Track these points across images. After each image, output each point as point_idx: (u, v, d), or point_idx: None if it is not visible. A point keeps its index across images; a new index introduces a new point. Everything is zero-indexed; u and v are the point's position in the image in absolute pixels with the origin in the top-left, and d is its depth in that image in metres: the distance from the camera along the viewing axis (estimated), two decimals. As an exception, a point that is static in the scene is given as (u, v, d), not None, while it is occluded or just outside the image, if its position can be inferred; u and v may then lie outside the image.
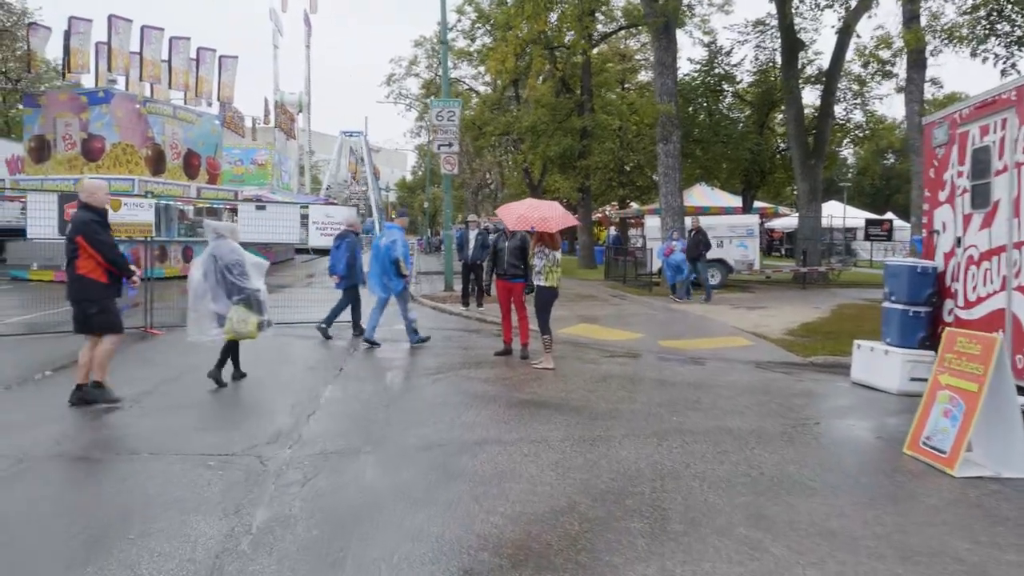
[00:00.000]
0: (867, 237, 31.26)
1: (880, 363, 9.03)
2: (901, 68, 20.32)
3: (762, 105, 29.69)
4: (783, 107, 30.22)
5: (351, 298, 12.26)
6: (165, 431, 6.46)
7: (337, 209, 14.09)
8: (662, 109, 20.36)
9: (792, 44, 24.80)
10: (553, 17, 27.92)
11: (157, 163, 23.68)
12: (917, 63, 18.23)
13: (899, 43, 18.63)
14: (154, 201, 12.01)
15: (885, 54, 19.38)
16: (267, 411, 7.31)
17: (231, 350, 8.61)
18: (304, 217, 13.30)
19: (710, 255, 21.93)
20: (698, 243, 18.57)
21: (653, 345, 11.95)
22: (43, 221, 11.29)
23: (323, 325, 12.15)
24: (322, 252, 37.04)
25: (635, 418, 7.21)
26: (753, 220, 23.50)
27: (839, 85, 26.20)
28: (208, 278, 7.92)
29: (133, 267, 7.36)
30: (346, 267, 11.99)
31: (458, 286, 17.48)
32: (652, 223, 24.39)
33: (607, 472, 5.52)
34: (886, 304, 9.32)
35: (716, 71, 29.21)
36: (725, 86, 30.15)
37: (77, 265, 6.87)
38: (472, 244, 15.78)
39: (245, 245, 8.74)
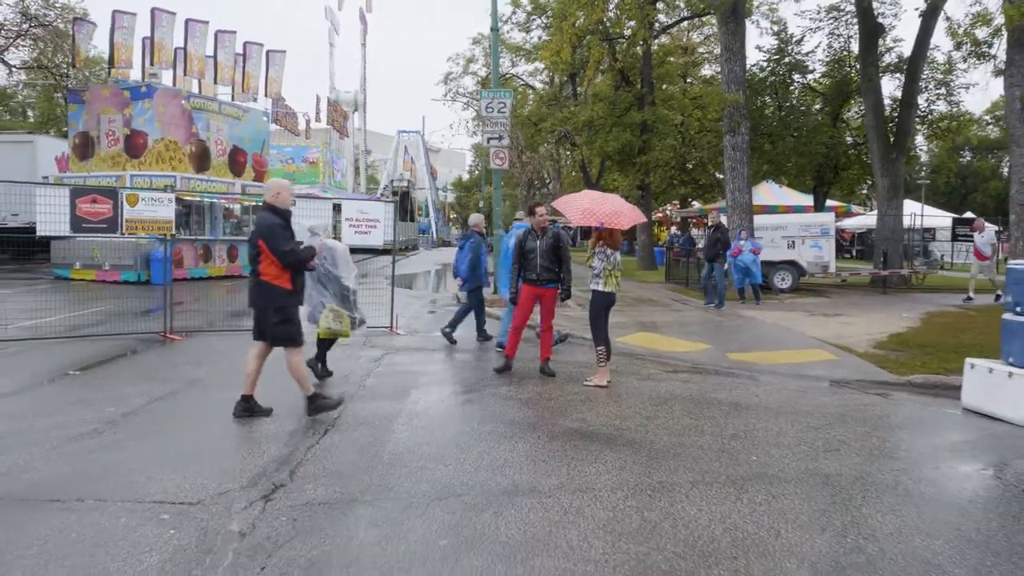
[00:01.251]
0: (954, 238, 28.91)
1: (1003, 388, 7.45)
2: (1000, 49, 18.32)
3: (836, 97, 27.71)
4: (858, 98, 28.25)
5: (476, 300, 11.98)
6: (129, 466, 5.34)
7: (372, 205, 12.98)
8: (729, 98, 18.79)
9: (871, 29, 22.90)
10: (612, 6, 26.55)
11: (201, 160, 23.03)
12: (1019, 42, 16.28)
13: (999, 19, 16.68)
14: (173, 195, 10.84)
15: (981, 33, 17.46)
16: (262, 439, 6.17)
17: (325, 348, 8.80)
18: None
19: (780, 256, 20.31)
20: (716, 242, 16.74)
21: (721, 358, 10.51)
22: (54, 218, 10.40)
23: (447, 329, 11.62)
24: (368, 252, 36.24)
25: (704, 456, 5.85)
26: (828, 219, 21.69)
27: (922, 74, 24.12)
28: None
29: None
30: (469, 268, 11.64)
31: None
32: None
33: (671, 541, 4.18)
34: (1009, 316, 7.72)
35: (786, 60, 27.34)
36: (795, 77, 28.24)
37: (260, 270, 6.52)
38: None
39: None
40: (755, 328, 13.45)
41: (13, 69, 26.34)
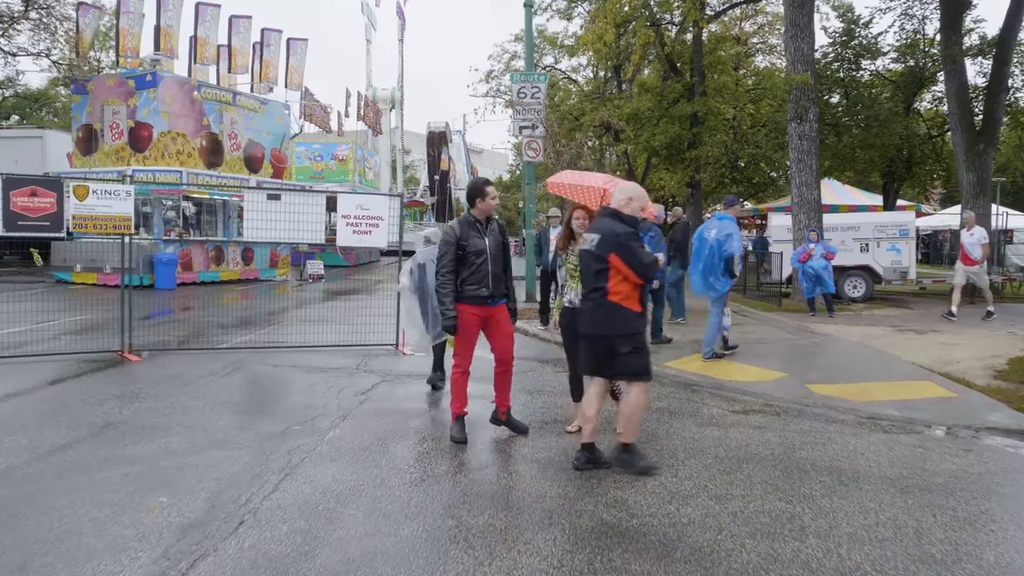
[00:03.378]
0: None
1: None
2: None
3: (908, 84, 25.01)
4: (936, 84, 25.51)
5: (659, 298, 11.38)
6: None
7: (372, 199, 10.95)
8: (797, 80, 16.39)
9: (954, 3, 20.23)
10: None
11: (213, 154, 21.34)
12: None
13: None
14: (132, 187, 8.96)
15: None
16: (148, 533, 4.13)
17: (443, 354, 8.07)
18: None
19: (852, 261, 17.80)
20: (670, 243, 13.86)
21: (801, 391, 8.24)
22: (-18, 213, 8.58)
23: (656, 339, 11.05)
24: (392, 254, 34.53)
25: (818, 587, 3.66)
26: (908, 218, 19.09)
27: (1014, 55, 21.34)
28: (418, 286, 7.34)
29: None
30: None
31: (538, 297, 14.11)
32: (779, 222, 20.41)
33: None
34: None
35: (854, 43, 24.72)
36: (864, 63, 25.59)
37: (609, 290, 5.43)
38: (554, 245, 12.38)
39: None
40: (836, 349, 11.09)
41: (9, 57, 25.01)
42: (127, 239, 9.71)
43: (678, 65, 28.76)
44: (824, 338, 11.97)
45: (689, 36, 28.39)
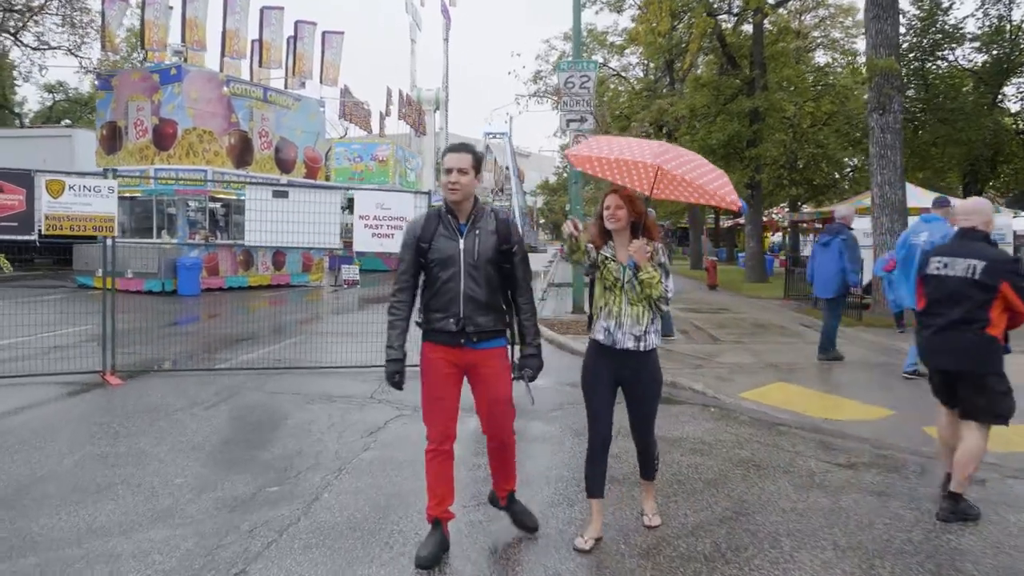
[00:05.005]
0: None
1: None
2: None
3: (994, 75, 22.81)
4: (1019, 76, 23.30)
5: (836, 310, 10.11)
6: None
7: (394, 197, 9.52)
8: (881, 65, 14.51)
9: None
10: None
11: (242, 153, 20.20)
12: None
13: None
14: (115, 183, 7.65)
15: None
16: None
17: None
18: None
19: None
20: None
21: (918, 435, 6.53)
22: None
23: (825, 354, 9.89)
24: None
25: None
26: (1003, 221, 17.05)
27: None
28: None
29: None
30: (841, 273, 9.69)
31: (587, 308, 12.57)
32: (855, 225, 18.40)
33: None
34: None
35: (932, 31, 22.62)
36: (942, 52, 23.45)
37: (992, 321, 4.71)
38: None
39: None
40: (943, 376, 9.29)
41: (28, 49, 24.24)
42: (109, 242, 8.40)
43: (736, 58, 26.95)
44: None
45: (748, 28, 26.61)
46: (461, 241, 3.86)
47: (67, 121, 44.92)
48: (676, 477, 5.38)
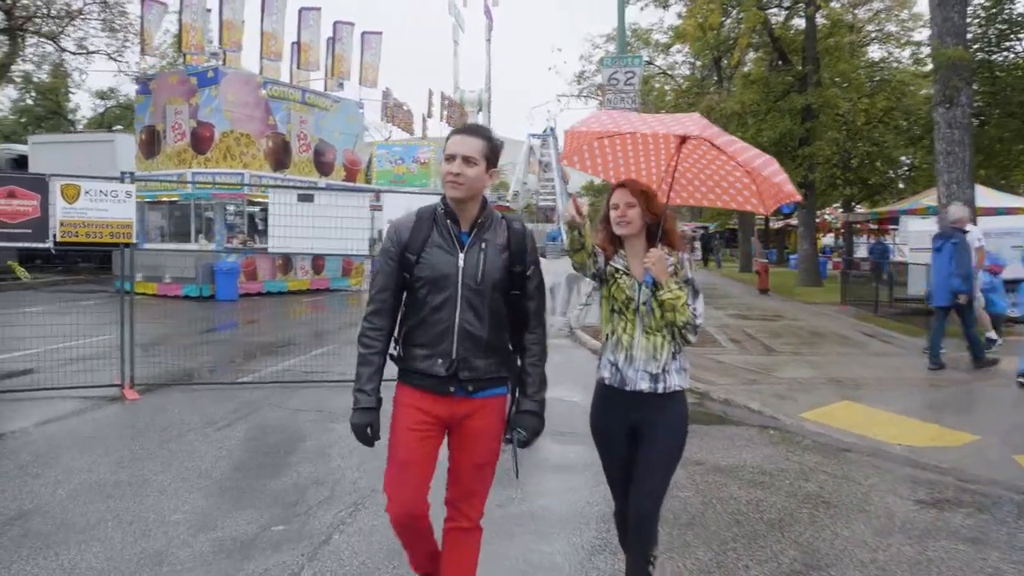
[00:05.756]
0: None
1: None
2: None
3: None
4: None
5: (967, 316, 9.63)
6: None
7: (425, 200, 8.97)
8: (949, 55, 13.55)
9: None
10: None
11: (280, 156, 19.94)
12: None
13: None
14: (133, 187, 7.27)
15: None
16: None
17: None
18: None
19: (1012, 274, 14.75)
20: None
21: (1010, 467, 5.79)
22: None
23: (934, 363, 9.41)
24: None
25: None
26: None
27: None
28: None
29: None
30: (963, 279, 9.21)
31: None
32: (916, 226, 17.48)
33: None
34: None
35: (1001, 19, 21.38)
36: (1011, 43, 22.16)
37: None
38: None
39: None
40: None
41: (68, 54, 24.36)
42: (127, 251, 8.03)
43: (787, 53, 25.96)
44: (1009, 379, 9.25)
45: (799, 22, 25.63)
46: (461, 256, 2.87)
47: (119, 127, 45.68)
48: (735, 517, 4.73)
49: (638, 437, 3.19)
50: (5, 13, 21.89)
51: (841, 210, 39.03)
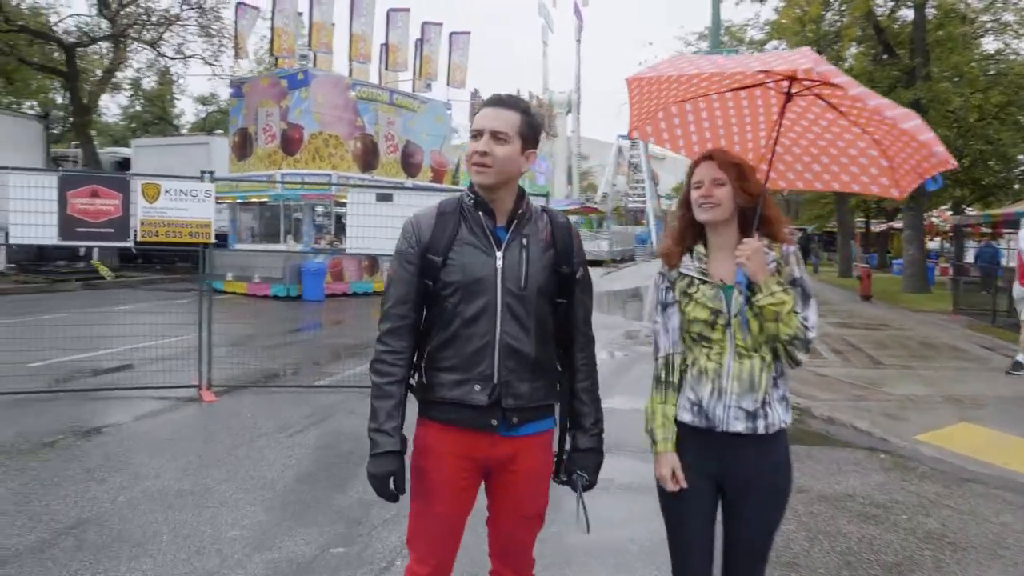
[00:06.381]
0: None
1: None
2: None
3: None
4: None
5: None
6: None
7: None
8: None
9: None
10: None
11: (368, 157, 20.01)
12: None
13: None
14: (212, 187, 7.19)
15: None
16: None
17: None
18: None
19: None
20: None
21: None
22: (37, 218, 7.04)
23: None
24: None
25: None
26: None
27: None
28: None
29: None
30: None
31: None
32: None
33: None
34: None
35: None
36: None
37: None
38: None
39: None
40: None
41: (166, 59, 25.14)
42: (206, 250, 7.96)
43: (893, 46, 24.56)
44: None
45: (906, 12, 24.23)
46: (499, 255, 2.34)
47: (219, 131, 47.43)
48: (845, 558, 4.17)
49: (727, 493, 2.52)
50: (109, 21, 22.81)
51: (950, 212, 36.87)
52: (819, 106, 2.70)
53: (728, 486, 2.50)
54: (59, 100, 35.04)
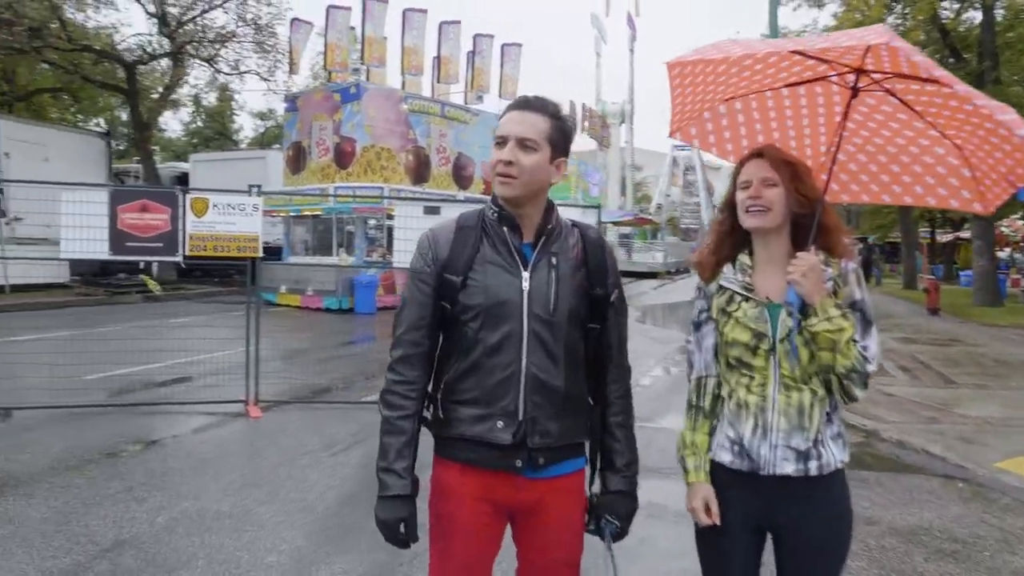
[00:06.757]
0: None
1: None
2: None
3: None
4: None
5: None
6: None
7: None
8: None
9: None
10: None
11: (420, 169, 20.02)
12: None
13: None
14: (259, 200, 7.15)
15: None
16: None
17: None
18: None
19: None
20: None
21: None
22: (87, 232, 7.08)
23: None
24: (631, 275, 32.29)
25: None
26: None
27: None
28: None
29: None
30: None
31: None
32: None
33: None
34: None
35: None
36: None
37: None
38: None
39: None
40: None
41: (223, 75, 25.58)
42: (254, 264, 7.92)
43: (960, 48, 23.70)
44: None
45: (974, 15, 23.37)
46: (526, 275, 2.09)
47: (277, 146, 48.37)
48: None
49: (778, 545, 2.21)
50: (169, 38, 23.36)
51: (1022, 221, 35.47)
52: (890, 104, 2.39)
53: (778, 537, 2.19)
54: (124, 117, 36.08)
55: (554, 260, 2.11)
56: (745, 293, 2.17)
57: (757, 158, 2.19)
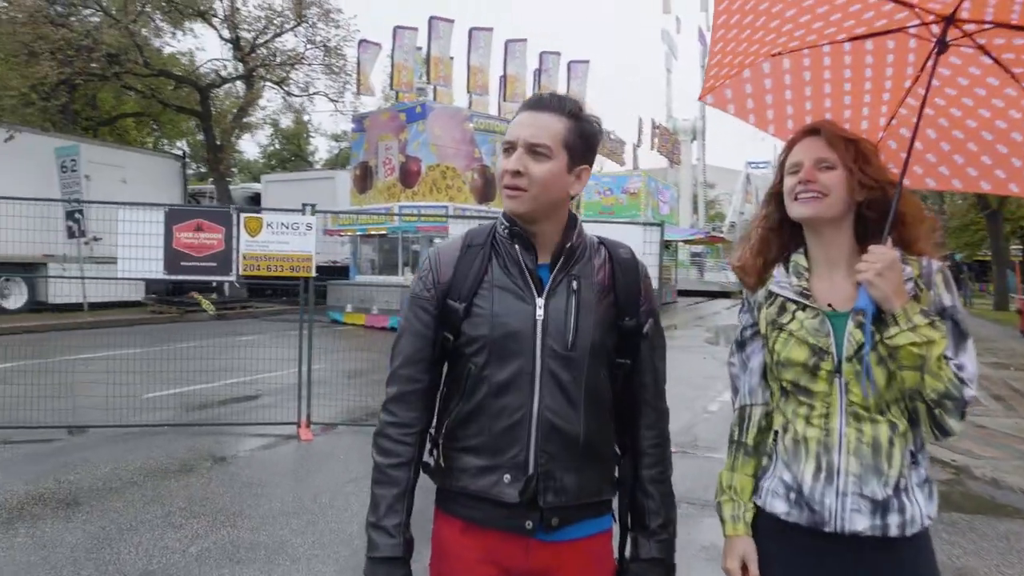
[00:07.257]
0: None
1: None
2: None
3: None
4: None
5: None
6: None
7: (616, 229, 8.09)
8: None
9: None
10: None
11: (486, 189, 19.91)
12: None
13: None
14: (313, 219, 7.03)
15: None
16: None
17: None
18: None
19: None
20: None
21: None
22: (143, 252, 7.08)
23: None
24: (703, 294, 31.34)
25: None
26: None
27: None
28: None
29: None
30: None
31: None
32: None
33: None
34: None
35: None
36: None
37: None
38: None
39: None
40: None
41: (293, 96, 26.04)
42: (307, 284, 7.79)
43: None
44: None
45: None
46: (539, 302, 1.75)
47: (350, 166, 49.42)
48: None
49: None
50: (242, 62, 23.95)
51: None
52: (979, 65, 1.93)
53: None
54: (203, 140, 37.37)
55: (575, 284, 1.77)
56: (802, 300, 1.78)
57: (811, 135, 1.79)
